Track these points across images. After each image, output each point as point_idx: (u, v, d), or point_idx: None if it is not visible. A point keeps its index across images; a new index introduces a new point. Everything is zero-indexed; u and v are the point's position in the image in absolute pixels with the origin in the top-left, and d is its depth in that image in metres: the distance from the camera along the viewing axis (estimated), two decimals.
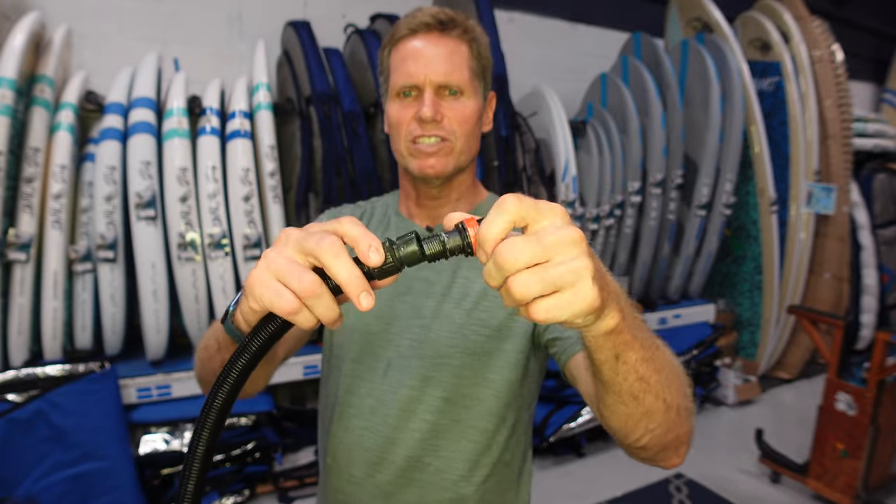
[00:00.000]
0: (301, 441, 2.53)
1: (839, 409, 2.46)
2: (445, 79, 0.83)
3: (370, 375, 0.90)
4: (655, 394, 0.57)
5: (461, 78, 0.83)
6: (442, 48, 0.82)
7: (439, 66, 0.82)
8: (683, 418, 0.62)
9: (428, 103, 0.81)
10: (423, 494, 0.87)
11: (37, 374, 2.02)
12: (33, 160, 2.00)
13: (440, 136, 0.83)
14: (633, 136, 3.15)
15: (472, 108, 0.85)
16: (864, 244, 4.14)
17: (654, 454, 0.65)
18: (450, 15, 0.84)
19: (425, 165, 0.84)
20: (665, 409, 0.59)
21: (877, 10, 5.66)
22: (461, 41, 0.84)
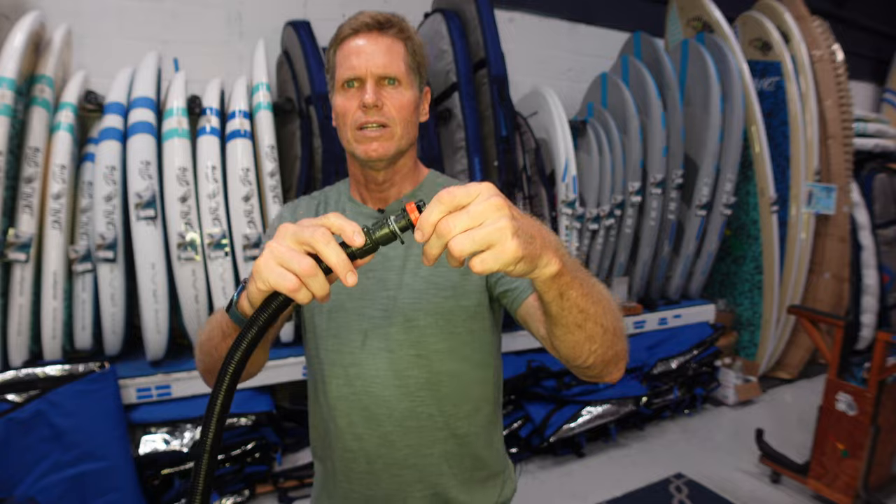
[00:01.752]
0: (301, 441, 2.53)
1: (839, 410, 2.46)
2: (384, 70, 0.93)
3: (350, 347, 1.00)
4: (595, 321, 0.71)
5: (398, 70, 0.94)
6: (381, 45, 0.93)
7: (379, 59, 0.93)
8: (619, 337, 0.76)
9: (370, 91, 0.92)
10: (422, 437, 0.99)
11: (36, 374, 2.02)
12: (33, 160, 2.00)
13: (381, 123, 0.93)
14: (634, 136, 3.15)
15: (409, 97, 0.95)
16: (865, 244, 4.13)
17: (599, 371, 0.79)
18: (387, 16, 0.95)
19: (369, 149, 0.94)
20: (603, 332, 0.73)
21: (877, 10, 5.66)
22: (397, 39, 0.95)
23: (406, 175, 1.02)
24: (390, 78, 0.94)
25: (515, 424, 2.76)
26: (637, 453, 2.97)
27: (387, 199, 1.02)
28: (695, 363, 3.27)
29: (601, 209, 3.08)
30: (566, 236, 2.92)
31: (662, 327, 3.40)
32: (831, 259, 3.83)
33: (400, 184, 1.02)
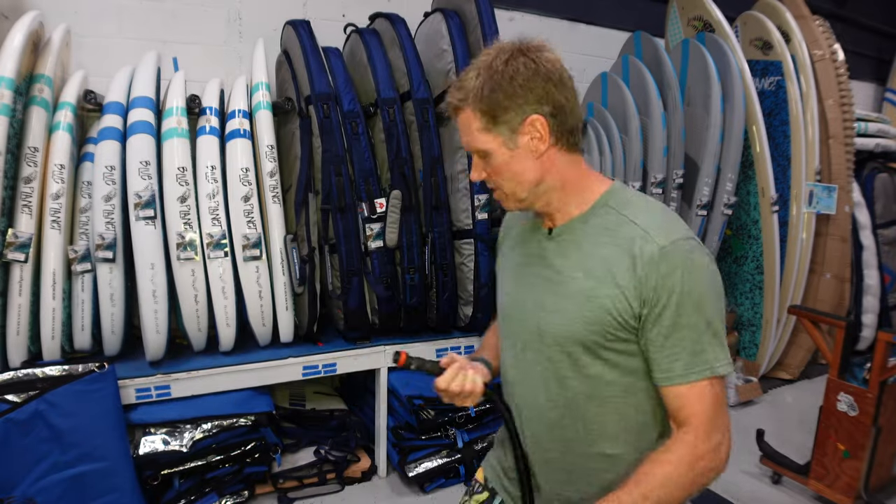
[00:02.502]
0: (300, 441, 2.53)
1: (840, 410, 2.45)
2: (472, 148, 1.00)
3: (512, 351, 1.12)
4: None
5: (478, 144, 0.98)
6: (462, 124, 0.99)
7: (465, 138, 1.00)
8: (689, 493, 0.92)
9: (473, 170, 1.03)
10: (569, 448, 1.05)
11: (35, 374, 2.01)
12: (32, 160, 2.00)
13: (493, 189, 1.03)
14: (634, 136, 3.14)
15: (500, 161, 0.97)
16: (866, 244, 4.12)
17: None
18: (455, 95, 0.97)
19: (504, 206, 1.06)
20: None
21: (878, 9, 5.65)
22: (466, 111, 0.97)
23: (564, 201, 1.02)
24: (480, 153, 0.99)
25: None
26: None
27: (554, 222, 1.05)
28: None
29: None
30: None
31: None
32: (832, 259, 3.82)
33: (562, 210, 1.03)
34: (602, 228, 0.97)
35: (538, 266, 1.05)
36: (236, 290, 2.29)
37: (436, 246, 2.54)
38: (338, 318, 2.58)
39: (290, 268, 2.37)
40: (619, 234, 0.94)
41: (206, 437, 2.17)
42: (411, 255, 2.50)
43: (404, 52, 2.56)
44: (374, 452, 2.67)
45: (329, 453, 2.50)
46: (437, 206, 2.54)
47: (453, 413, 2.54)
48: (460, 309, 2.68)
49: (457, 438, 2.56)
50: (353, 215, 2.45)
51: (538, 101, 0.93)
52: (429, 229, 2.55)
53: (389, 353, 2.58)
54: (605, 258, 0.95)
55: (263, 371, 2.37)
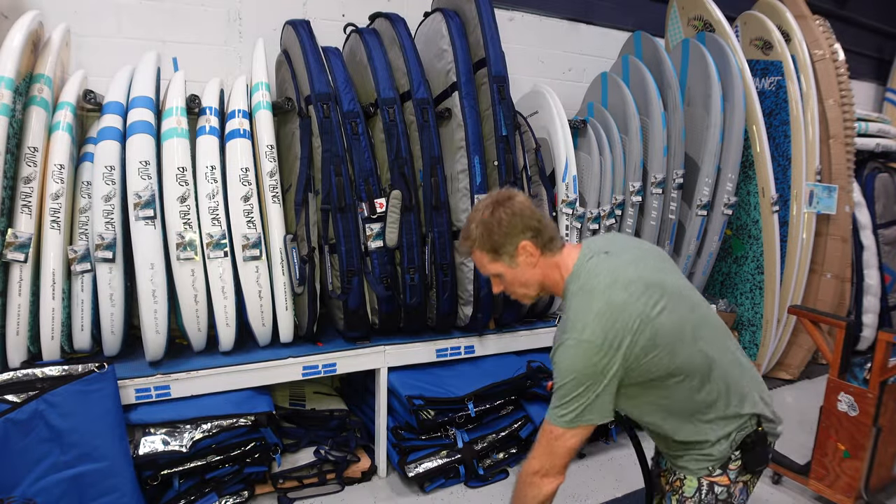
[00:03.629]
0: (300, 441, 2.53)
1: (841, 410, 2.45)
2: (487, 274, 1.43)
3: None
4: None
5: (490, 270, 1.40)
6: (476, 260, 1.43)
7: (481, 269, 1.44)
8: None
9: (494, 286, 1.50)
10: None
11: (35, 374, 2.01)
12: (31, 160, 1.99)
13: (510, 294, 1.47)
14: (634, 136, 3.14)
15: (510, 277, 1.41)
16: (866, 244, 4.12)
17: None
18: (466, 244, 1.42)
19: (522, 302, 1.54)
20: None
21: (879, 9, 5.64)
22: (476, 252, 1.40)
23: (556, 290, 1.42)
24: (494, 274, 1.41)
25: (516, 425, 2.75)
26: None
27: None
28: None
29: (601, 209, 3.07)
30: (566, 236, 2.92)
31: None
32: (832, 259, 3.82)
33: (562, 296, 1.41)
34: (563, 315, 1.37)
35: None
36: (236, 290, 2.29)
37: (436, 246, 2.54)
38: (338, 318, 2.58)
39: (289, 268, 2.37)
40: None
41: (206, 438, 2.17)
42: (411, 255, 2.50)
43: (404, 52, 2.56)
44: (374, 452, 2.67)
45: (329, 453, 2.50)
46: (437, 206, 2.54)
47: (453, 413, 2.54)
48: (460, 309, 2.68)
49: (457, 438, 2.56)
50: (353, 215, 2.44)
51: (521, 232, 1.36)
52: (429, 229, 2.54)
53: (390, 353, 2.58)
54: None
55: (263, 371, 2.37)
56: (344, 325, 2.55)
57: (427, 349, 2.65)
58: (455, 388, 2.58)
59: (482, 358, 2.78)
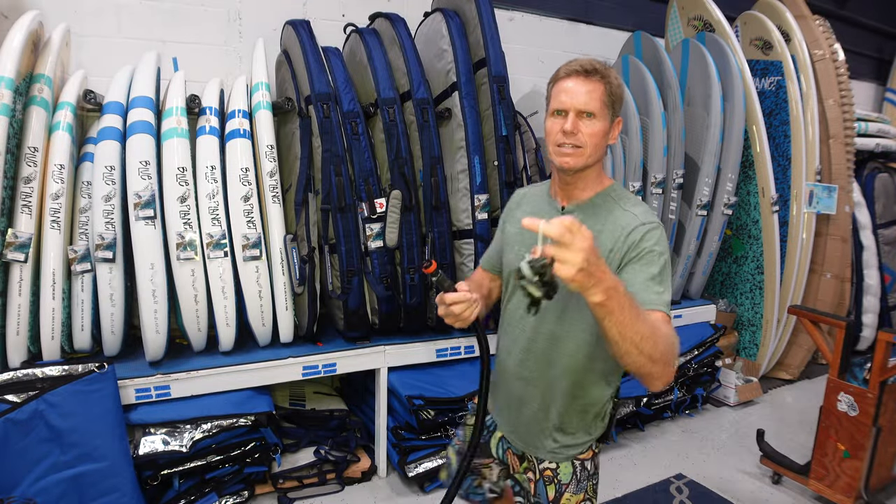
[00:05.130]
0: (300, 441, 2.53)
1: (841, 410, 2.45)
2: (584, 106, 1.24)
3: (516, 311, 1.42)
4: (630, 342, 1.01)
5: (594, 106, 1.24)
6: (585, 86, 1.25)
7: (581, 98, 1.24)
8: (655, 362, 1.05)
9: (569, 121, 1.24)
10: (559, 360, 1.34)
11: (35, 374, 2.01)
12: (31, 160, 1.99)
13: (576, 145, 1.25)
14: (634, 136, 3.14)
15: (600, 127, 1.26)
16: (866, 244, 4.13)
17: (636, 376, 1.10)
18: (594, 66, 1.26)
19: (563, 162, 1.27)
20: (638, 353, 1.03)
21: (878, 9, 5.64)
22: (599, 83, 1.25)
23: (589, 183, 1.32)
24: (588, 112, 1.24)
25: None
26: (638, 453, 2.96)
27: (571, 198, 1.34)
28: (695, 363, 3.26)
29: None
30: None
31: None
32: (832, 259, 3.82)
33: (583, 189, 1.32)
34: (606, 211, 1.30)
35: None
36: (236, 290, 2.29)
37: (436, 246, 2.54)
38: (338, 318, 2.58)
39: (290, 268, 2.37)
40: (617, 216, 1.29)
41: (206, 438, 2.17)
42: (411, 255, 2.50)
43: (404, 52, 2.56)
44: (374, 452, 2.67)
45: (329, 453, 2.50)
46: (437, 206, 2.54)
47: (453, 413, 2.54)
48: None
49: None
50: (353, 215, 2.44)
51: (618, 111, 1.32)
52: (429, 229, 2.55)
53: (390, 353, 2.58)
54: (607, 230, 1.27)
55: (263, 371, 2.37)
56: (344, 325, 2.55)
57: (427, 349, 2.65)
58: (455, 388, 2.58)
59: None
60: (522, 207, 1.44)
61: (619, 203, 1.31)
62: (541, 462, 1.42)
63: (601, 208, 1.31)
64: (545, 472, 1.41)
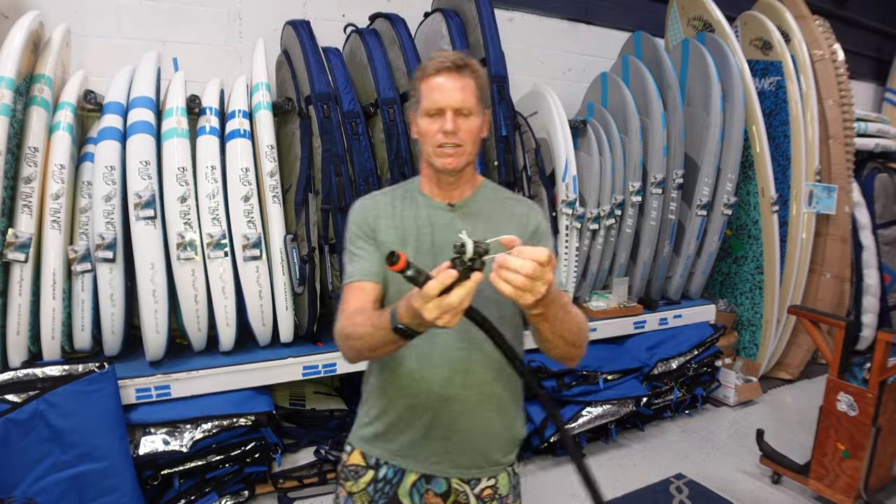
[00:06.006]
0: (300, 441, 2.53)
1: (840, 410, 2.45)
2: (460, 105, 1.19)
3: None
4: (560, 338, 1.08)
5: (470, 104, 1.20)
6: (458, 83, 1.20)
7: (456, 96, 1.19)
8: (578, 348, 1.15)
9: (449, 121, 1.19)
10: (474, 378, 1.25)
11: (35, 374, 2.01)
12: (32, 160, 2.00)
13: (456, 144, 1.21)
14: (634, 136, 3.14)
15: (477, 123, 1.23)
16: (866, 244, 4.13)
17: (558, 360, 1.17)
18: (464, 60, 1.21)
19: (446, 163, 1.22)
20: (565, 344, 1.10)
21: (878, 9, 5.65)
22: (470, 78, 1.21)
23: (468, 180, 1.30)
24: (464, 110, 1.20)
25: None
26: (637, 453, 2.96)
27: (453, 196, 1.29)
28: (695, 363, 3.26)
29: (601, 209, 3.08)
30: (566, 236, 2.92)
31: (663, 327, 3.39)
32: (832, 259, 3.83)
33: (463, 186, 1.30)
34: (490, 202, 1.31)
35: (444, 233, 1.25)
36: (236, 290, 2.29)
37: None
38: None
39: (290, 268, 2.37)
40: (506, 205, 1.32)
41: (206, 437, 2.17)
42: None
43: (404, 52, 2.57)
44: None
45: (329, 453, 2.50)
46: None
47: None
48: None
49: None
50: None
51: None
52: None
53: None
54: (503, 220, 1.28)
55: (263, 371, 2.38)
56: None
57: None
58: None
59: None
60: (392, 214, 1.29)
61: (500, 194, 1.35)
62: (477, 485, 1.29)
63: (487, 202, 1.31)
64: (484, 492, 1.30)
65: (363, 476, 1.32)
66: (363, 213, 1.31)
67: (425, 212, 1.28)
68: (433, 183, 1.30)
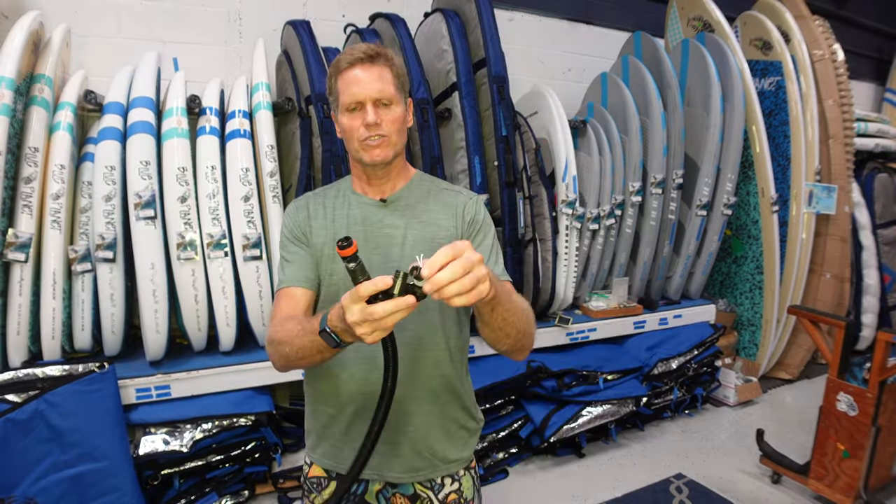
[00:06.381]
0: (301, 441, 2.53)
1: (840, 410, 2.45)
2: (379, 95, 1.15)
3: None
4: (510, 327, 1.04)
5: (389, 93, 1.17)
6: (373, 73, 1.16)
7: (374, 86, 1.15)
8: (526, 338, 1.11)
9: (370, 113, 1.15)
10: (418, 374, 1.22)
11: (36, 374, 2.02)
12: (32, 160, 2.00)
13: (381, 135, 1.16)
14: (634, 136, 3.15)
15: (399, 113, 1.19)
16: (866, 244, 4.13)
17: (509, 354, 1.14)
18: (375, 49, 1.17)
19: (373, 155, 1.17)
20: (515, 333, 1.06)
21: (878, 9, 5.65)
22: (385, 66, 1.17)
23: (399, 172, 1.26)
24: (384, 100, 1.16)
25: (515, 425, 2.76)
26: (637, 453, 2.97)
27: (384, 191, 1.25)
28: (695, 363, 3.26)
29: (601, 209, 3.08)
30: (566, 236, 2.92)
31: (663, 327, 3.39)
32: (832, 259, 3.83)
33: (395, 179, 1.26)
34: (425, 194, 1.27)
35: (376, 229, 1.22)
36: (236, 290, 2.29)
37: None
38: None
39: None
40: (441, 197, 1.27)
41: (207, 437, 2.18)
42: None
43: (404, 52, 2.57)
44: None
45: None
46: None
47: None
48: None
49: None
50: None
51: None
52: None
53: None
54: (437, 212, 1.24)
55: (263, 371, 2.38)
56: None
57: None
58: None
59: (482, 358, 2.78)
60: (324, 215, 1.26)
61: (434, 185, 1.30)
62: (441, 489, 1.26)
63: (419, 195, 1.26)
64: (449, 497, 1.27)
65: (326, 487, 1.29)
66: (295, 215, 1.28)
67: (357, 210, 1.24)
68: (363, 180, 1.26)
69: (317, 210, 1.26)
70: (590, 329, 3.12)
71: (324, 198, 1.29)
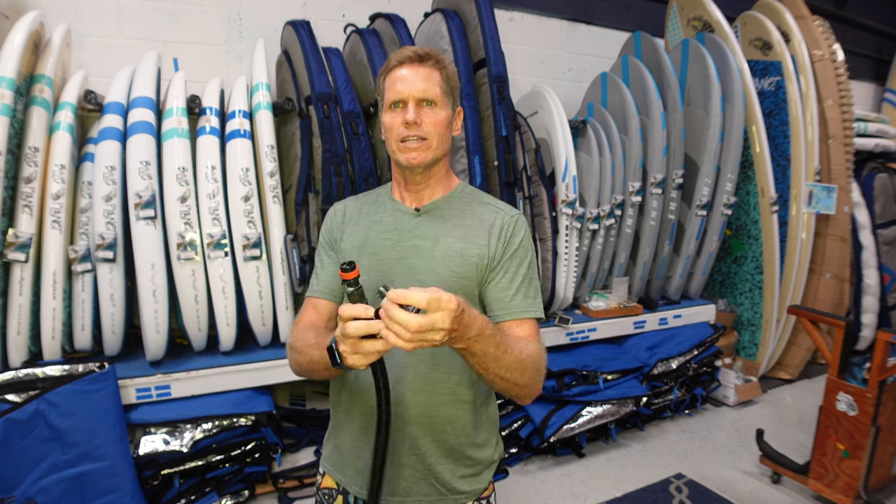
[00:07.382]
0: (301, 441, 2.53)
1: (840, 410, 2.46)
2: (423, 94, 1.13)
3: None
4: (495, 375, 0.99)
5: (434, 93, 1.13)
6: (420, 73, 1.13)
7: (418, 85, 1.13)
8: (522, 389, 1.06)
9: (411, 111, 1.11)
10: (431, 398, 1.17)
11: (36, 374, 2.02)
12: (32, 160, 2.00)
13: (420, 136, 1.13)
14: (634, 136, 3.15)
15: (443, 116, 1.15)
16: (865, 244, 4.13)
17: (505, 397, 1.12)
18: (426, 51, 1.16)
19: (410, 157, 1.13)
20: (503, 383, 1.02)
21: (878, 10, 5.65)
22: (434, 69, 1.15)
23: (439, 181, 1.22)
24: (428, 100, 1.13)
25: (515, 425, 2.76)
26: (637, 453, 2.97)
27: (422, 199, 1.21)
28: (695, 363, 3.27)
29: (601, 209, 3.08)
30: (566, 236, 2.92)
31: (663, 327, 3.39)
32: (832, 259, 3.83)
33: (434, 187, 1.21)
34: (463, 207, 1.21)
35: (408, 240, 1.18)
36: (236, 290, 2.29)
37: None
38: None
39: (290, 268, 2.37)
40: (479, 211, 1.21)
41: (207, 437, 2.18)
42: None
43: None
44: None
45: None
46: None
47: None
48: None
49: None
50: None
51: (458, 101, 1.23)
52: None
53: None
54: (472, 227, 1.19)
55: (264, 371, 2.38)
56: None
57: None
58: None
59: None
60: (357, 220, 1.24)
61: (476, 198, 1.23)
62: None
63: (458, 207, 1.20)
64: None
65: (336, 500, 1.27)
66: (331, 220, 1.28)
67: (391, 217, 1.21)
68: (401, 185, 1.22)
69: (352, 215, 1.26)
70: (590, 329, 3.13)
71: (362, 203, 1.28)
